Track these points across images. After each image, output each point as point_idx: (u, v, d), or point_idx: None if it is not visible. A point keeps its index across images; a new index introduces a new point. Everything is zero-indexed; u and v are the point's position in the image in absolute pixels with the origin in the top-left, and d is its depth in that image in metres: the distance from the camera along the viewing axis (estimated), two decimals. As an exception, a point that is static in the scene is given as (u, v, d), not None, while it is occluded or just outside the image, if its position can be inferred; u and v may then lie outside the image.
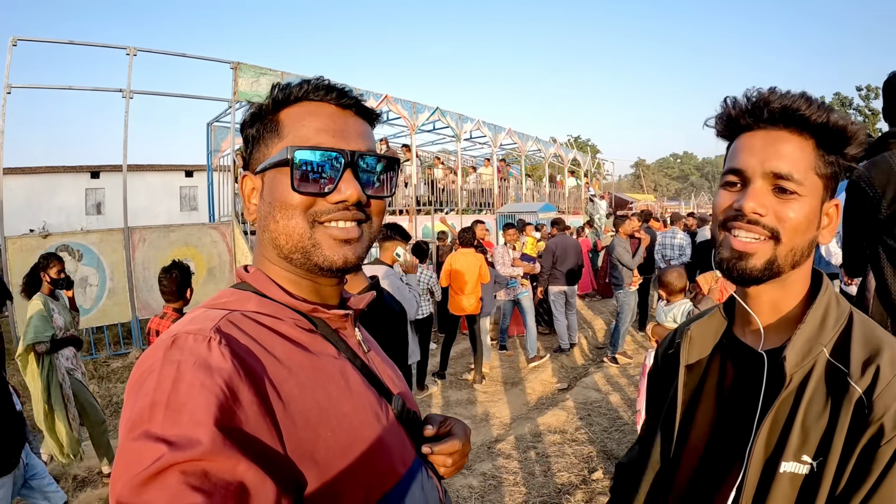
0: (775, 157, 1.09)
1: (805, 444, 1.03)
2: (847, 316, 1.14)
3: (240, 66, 11.04)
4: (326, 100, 1.06)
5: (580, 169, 27.34)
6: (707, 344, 1.29)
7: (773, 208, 1.09)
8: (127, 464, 0.72)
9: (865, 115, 46.10)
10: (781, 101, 1.08)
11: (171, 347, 0.84)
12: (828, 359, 1.08)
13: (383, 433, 1.02)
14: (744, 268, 1.11)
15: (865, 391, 1.00)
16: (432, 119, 16.30)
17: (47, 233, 9.26)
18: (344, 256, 1.02)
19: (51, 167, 29.12)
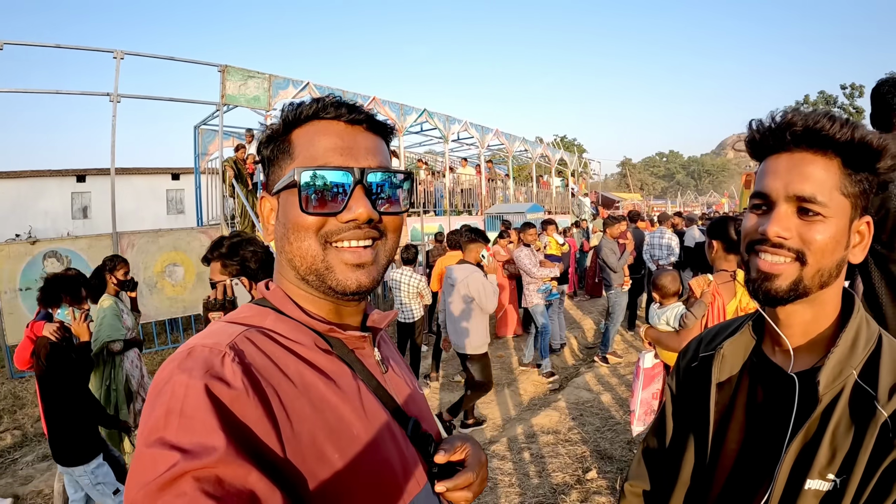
0: (798, 179, 1.09)
1: (831, 463, 1.06)
2: (876, 338, 1.15)
3: (227, 69, 11.02)
4: (336, 117, 1.05)
5: (567, 169, 27.40)
6: (737, 362, 1.31)
7: (797, 231, 1.10)
8: (142, 470, 0.73)
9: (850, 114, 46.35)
10: (804, 123, 1.08)
11: (187, 359, 0.85)
12: (856, 381, 1.09)
13: (394, 456, 1.02)
14: (770, 288, 1.13)
15: (891, 415, 1.03)
16: (420, 121, 16.31)
17: (35, 238, 9.20)
18: (357, 281, 1.02)
19: (36, 171, 28.89)
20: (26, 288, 8.66)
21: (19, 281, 8.61)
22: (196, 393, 0.79)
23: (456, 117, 17.55)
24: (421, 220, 15.52)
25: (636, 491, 1.56)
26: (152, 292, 9.88)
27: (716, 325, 1.50)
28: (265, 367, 0.90)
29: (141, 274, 9.67)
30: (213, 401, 0.79)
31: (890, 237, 2.84)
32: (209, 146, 14.45)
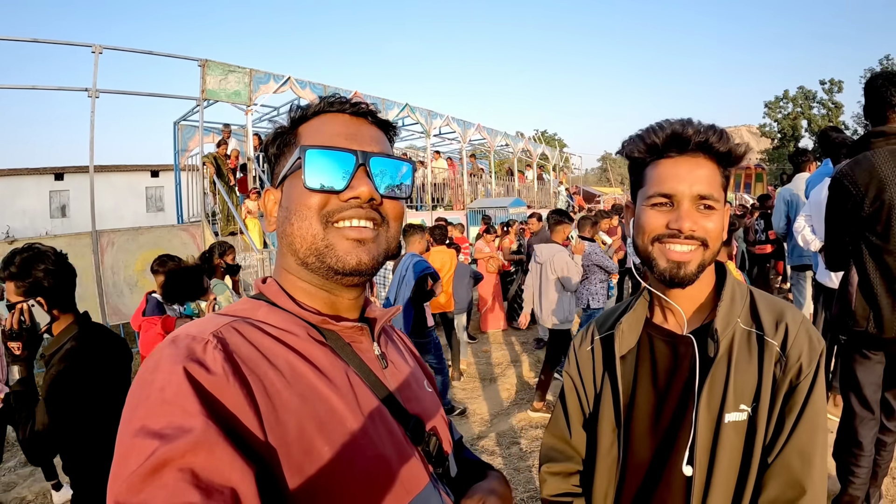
0: (698, 181, 1.31)
1: (741, 395, 1.31)
2: (748, 292, 1.45)
3: (207, 64, 10.95)
4: (341, 110, 1.08)
5: (548, 163, 27.47)
6: (633, 336, 1.51)
7: (700, 223, 1.31)
8: (124, 462, 0.73)
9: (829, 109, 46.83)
10: (701, 136, 1.30)
11: (169, 347, 0.86)
12: (742, 328, 1.37)
13: (390, 454, 0.99)
14: (683, 274, 1.33)
15: (781, 345, 1.32)
16: (401, 115, 16.31)
17: (13, 238, 9.07)
18: (357, 257, 1.01)
19: (13, 169, 28.62)
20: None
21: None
22: (177, 379, 0.79)
23: (438, 112, 17.58)
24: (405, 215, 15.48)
25: (554, 470, 1.68)
26: (133, 291, 9.77)
27: (603, 313, 1.73)
28: (250, 356, 0.90)
29: (121, 272, 9.59)
30: (192, 384, 0.79)
31: (885, 228, 2.87)
32: (189, 142, 14.36)
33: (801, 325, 1.34)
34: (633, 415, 1.46)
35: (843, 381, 3.44)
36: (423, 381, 1.27)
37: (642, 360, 1.48)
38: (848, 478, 3.38)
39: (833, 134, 5.01)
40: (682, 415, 1.36)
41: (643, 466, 1.43)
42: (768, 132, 50.88)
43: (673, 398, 1.39)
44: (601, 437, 1.52)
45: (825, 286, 4.93)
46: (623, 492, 1.47)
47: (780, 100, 50.01)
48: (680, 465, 1.35)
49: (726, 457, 1.30)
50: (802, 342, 1.31)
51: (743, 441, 1.30)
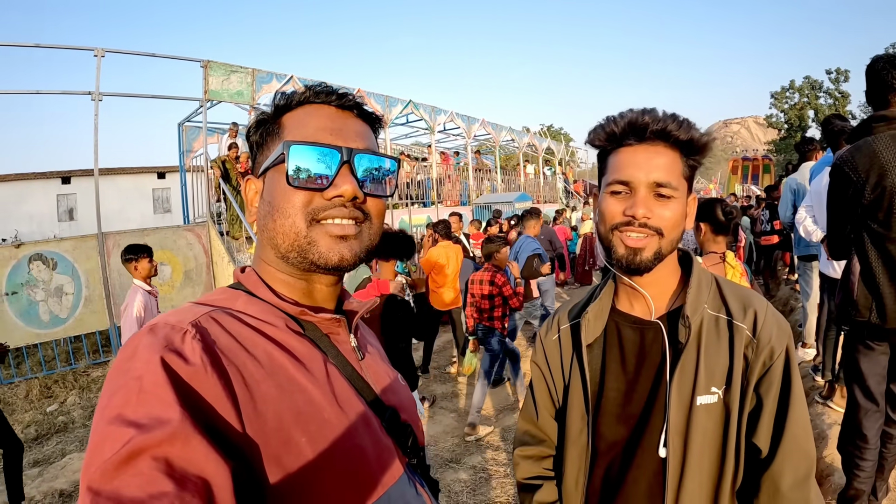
0: (656, 169, 1.33)
1: (712, 378, 1.33)
2: (713, 279, 1.47)
3: (210, 65, 10.95)
4: (327, 102, 1.07)
5: (554, 158, 27.42)
6: (599, 324, 1.52)
7: (656, 211, 1.33)
8: (99, 448, 0.72)
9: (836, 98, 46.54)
10: (659, 124, 1.31)
11: (148, 335, 0.84)
12: (710, 313, 1.39)
13: (367, 444, 0.99)
14: (639, 261, 1.35)
15: (751, 329, 1.35)
16: (405, 112, 16.29)
17: (20, 242, 9.10)
18: (340, 253, 1.01)
19: (21, 174, 28.79)
20: (12, 292, 8.57)
21: (5, 285, 8.51)
22: (154, 368, 0.78)
23: (442, 108, 17.55)
24: (409, 211, 15.48)
25: (526, 454, 1.73)
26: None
27: (566, 303, 1.74)
28: (229, 347, 0.89)
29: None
30: (169, 375, 0.78)
31: (886, 216, 2.82)
32: (194, 143, 14.35)
33: (767, 310, 1.38)
34: (603, 402, 1.48)
35: (847, 373, 3.39)
36: (398, 375, 1.28)
37: (610, 347, 1.50)
38: (853, 471, 3.33)
39: (836, 121, 4.93)
40: (653, 399, 1.40)
41: (614, 452, 1.46)
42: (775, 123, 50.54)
43: (643, 384, 1.42)
44: (570, 424, 1.53)
45: (829, 277, 4.90)
46: (593, 477, 1.49)
47: (787, 90, 49.71)
48: (653, 448, 1.38)
49: (699, 438, 1.32)
50: (772, 325, 1.35)
51: (717, 422, 1.34)
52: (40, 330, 8.86)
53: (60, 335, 9.22)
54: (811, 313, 6.26)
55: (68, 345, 10.15)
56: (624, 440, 1.44)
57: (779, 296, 10.66)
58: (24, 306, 8.67)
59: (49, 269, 8.93)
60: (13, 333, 8.54)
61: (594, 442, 1.48)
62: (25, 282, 8.67)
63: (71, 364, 9.62)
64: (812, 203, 5.03)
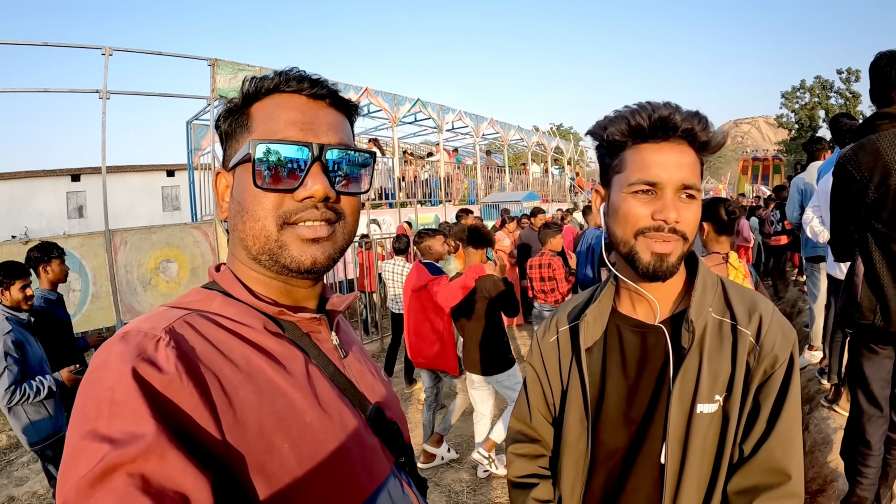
0: (684, 170, 1.28)
1: (714, 386, 1.29)
2: (718, 282, 1.43)
3: (217, 63, 10.95)
4: (298, 90, 1.01)
5: (563, 157, 27.36)
6: (599, 327, 1.48)
7: (682, 214, 1.28)
8: (74, 464, 0.70)
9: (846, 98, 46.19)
10: (687, 123, 1.26)
11: (119, 343, 0.82)
12: (714, 317, 1.35)
13: (352, 446, 0.97)
14: (665, 267, 1.30)
15: (755, 335, 1.31)
16: (413, 111, 16.27)
17: (28, 238, 9.12)
18: (312, 257, 0.98)
19: (30, 172, 28.95)
20: (19, 288, 8.57)
21: (12, 281, 8.51)
22: (126, 379, 0.76)
23: (450, 106, 17.50)
24: (415, 209, 15.46)
25: (520, 451, 1.69)
26: (146, 289, 9.82)
27: (566, 303, 1.68)
28: (205, 352, 0.87)
29: (135, 271, 9.64)
30: (142, 386, 0.76)
31: (890, 216, 2.78)
32: (202, 141, 14.37)
33: (773, 316, 1.35)
34: (603, 407, 1.44)
35: (851, 377, 3.34)
36: (381, 370, 1.25)
37: (610, 351, 1.46)
38: (856, 478, 3.28)
39: (844, 120, 4.87)
40: (654, 406, 1.36)
41: (614, 459, 1.42)
42: (786, 123, 50.31)
43: (644, 389, 1.38)
44: (568, 429, 1.49)
45: (835, 278, 4.85)
46: (592, 483, 1.46)
47: (798, 90, 49.34)
48: (654, 456, 1.34)
49: (699, 447, 1.28)
50: (776, 332, 1.31)
51: (716, 430, 1.30)
52: (47, 326, 8.84)
53: (67, 331, 9.23)
54: (818, 315, 6.21)
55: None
56: (625, 447, 1.40)
57: (787, 297, 10.62)
58: (31, 302, 8.66)
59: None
60: (20, 329, 8.54)
61: (593, 449, 1.44)
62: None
63: (77, 360, 9.59)
64: (819, 203, 4.98)
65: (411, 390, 7.80)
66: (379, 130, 19.36)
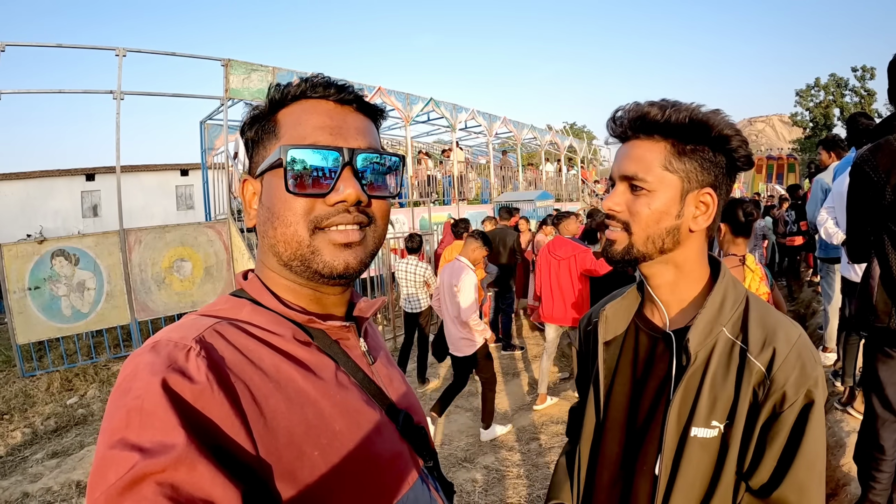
0: (625, 161, 1.29)
1: (713, 411, 1.22)
2: (744, 299, 1.33)
3: (230, 63, 10.99)
4: (325, 96, 1.01)
5: (577, 156, 27.29)
6: (621, 322, 1.47)
7: (627, 205, 1.29)
8: (103, 473, 0.70)
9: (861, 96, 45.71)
10: (628, 115, 1.27)
11: (150, 353, 0.82)
12: (728, 337, 1.26)
13: (381, 452, 0.98)
14: (610, 253, 1.34)
15: (767, 366, 1.20)
16: (426, 110, 16.27)
17: (43, 238, 9.19)
18: (345, 261, 0.97)
19: (45, 171, 29.08)
20: (35, 287, 8.67)
21: (28, 280, 8.61)
22: (156, 389, 0.75)
23: (463, 106, 17.48)
24: (429, 209, 15.46)
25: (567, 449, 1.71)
26: (160, 288, 9.89)
27: (609, 296, 1.62)
28: (235, 362, 0.86)
29: (149, 270, 9.71)
30: (173, 397, 0.75)
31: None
32: (215, 141, 14.45)
33: (793, 348, 1.21)
34: (610, 405, 1.43)
35: (865, 381, 3.30)
36: (403, 375, 1.25)
37: (625, 350, 1.44)
38: (868, 483, 3.24)
39: (861, 120, 4.83)
40: (652, 417, 1.32)
41: (615, 457, 1.41)
42: (800, 121, 49.75)
43: (647, 396, 1.35)
44: (585, 422, 1.49)
45: (850, 280, 4.81)
46: (597, 479, 1.45)
47: (812, 88, 48.76)
48: (647, 465, 1.31)
49: (692, 469, 1.23)
50: (791, 367, 1.19)
51: (712, 457, 1.23)
52: (62, 324, 8.95)
53: (82, 329, 9.31)
54: (832, 317, 6.16)
55: (90, 339, 10.29)
56: (623, 450, 1.39)
57: (801, 298, 10.55)
58: (46, 301, 8.77)
59: (71, 265, 9.01)
60: (35, 327, 8.69)
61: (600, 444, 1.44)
62: (48, 277, 8.76)
63: (92, 358, 9.73)
64: (834, 204, 4.94)
65: (424, 390, 7.81)
66: (392, 130, 19.37)
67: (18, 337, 8.62)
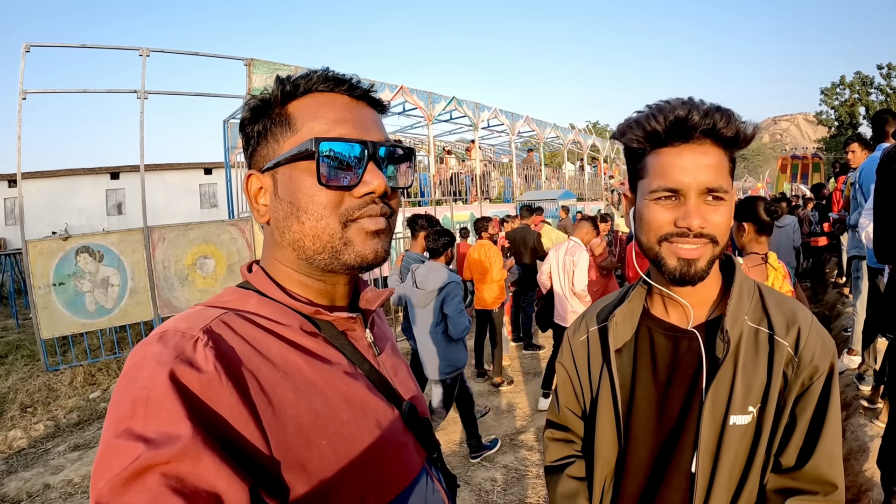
0: (706, 172, 1.20)
1: (748, 397, 1.25)
2: (756, 288, 1.37)
3: (253, 63, 11.03)
4: (337, 90, 1.01)
5: (600, 155, 27.17)
6: (629, 328, 1.44)
7: (709, 217, 1.22)
8: (108, 462, 0.71)
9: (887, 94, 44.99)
10: (707, 121, 1.18)
11: (157, 343, 0.82)
12: (751, 326, 1.30)
13: (386, 442, 0.98)
14: (693, 272, 1.24)
15: (793, 346, 1.26)
16: (449, 109, 16.22)
17: (67, 235, 9.28)
18: (374, 249, 0.99)
19: (70, 170, 29.54)
20: (59, 283, 8.76)
21: (52, 276, 8.71)
22: (162, 380, 0.76)
23: (485, 104, 17.42)
24: (451, 207, 15.45)
25: (556, 436, 1.68)
26: (183, 284, 9.95)
27: (596, 303, 1.64)
28: (243, 352, 0.87)
29: (172, 267, 9.77)
30: (180, 387, 0.76)
31: None
32: (238, 139, 14.48)
33: (812, 325, 1.29)
34: (633, 412, 1.40)
35: (890, 385, 3.27)
36: (408, 367, 1.25)
37: (641, 354, 1.41)
38: (892, 488, 3.18)
39: (888, 117, 4.77)
40: (686, 414, 1.31)
41: (645, 467, 1.38)
42: (825, 120, 49.05)
43: (675, 396, 1.33)
44: (600, 432, 1.45)
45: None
46: (622, 490, 1.43)
47: (837, 86, 47.94)
48: (684, 465, 1.30)
49: (730, 458, 1.25)
50: (815, 342, 1.26)
51: (748, 442, 1.26)
52: (86, 319, 9.04)
53: (106, 325, 9.38)
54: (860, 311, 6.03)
55: (113, 334, 10.39)
56: (655, 455, 1.36)
57: (826, 300, 10.42)
58: (70, 296, 8.86)
59: (95, 262, 9.09)
60: (60, 322, 8.78)
61: (625, 453, 1.41)
62: (72, 273, 8.85)
63: (115, 353, 9.83)
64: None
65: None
66: (414, 128, 19.39)
67: (43, 332, 8.70)
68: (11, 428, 6.97)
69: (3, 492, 5.36)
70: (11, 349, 10.95)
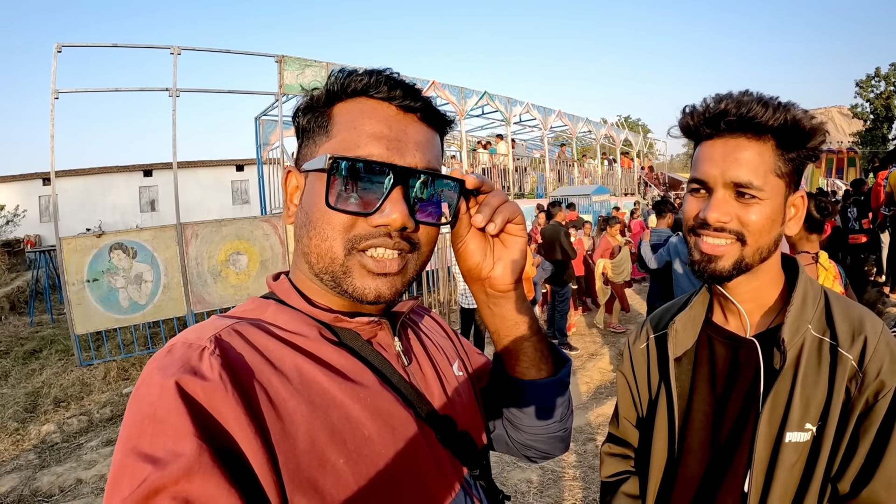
0: (734, 166, 1.16)
1: (806, 413, 1.15)
2: (822, 294, 1.27)
3: (284, 59, 11.03)
4: (388, 98, 0.91)
5: (632, 149, 26.98)
6: (690, 336, 1.38)
7: (736, 214, 1.17)
8: (118, 482, 0.68)
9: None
10: (738, 110, 1.13)
11: (165, 357, 0.78)
12: (814, 335, 1.20)
13: (415, 461, 0.89)
14: (713, 269, 1.21)
15: (858, 359, 1.15)
16: (481, 104, 16.23)
17: (101, 232, 9.38)
18: (376, 291, 0.89)
19: (104, 167, 30.09)
20: (93, 279, 8.84)
21: (86, 273, 8.79)
22: (168, 394, 0.72)
23: (517, 99, 17.38)
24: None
25: (613, 451, 1.61)
26: (217, 280, 9.99)
27: (661, 308, 1.58)
28: (253, 362, 0.81)
29: (205, 263, 9.82)
30: (185, 400, 0.72)
31: None
32: (270, 136, 14.59)
33: (881, 337, 1.17)
34: (689, 423, 1.34)
35: None
36: (454, 365, 1.14)
37: (700, 364, 1.35)
38: None
39: None
40: (741, 429, 1.24)
41: (696, 478, 1.31)
42: (860, 113, 48.16)
43: (732, 409, 1.27)
44: (655, 443, 1.40)
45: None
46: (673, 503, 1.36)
47: (872, 78, 47.10)
48: (736, 482, 1.23)
49: (784, 478, 1.16)
50: (883, 356, 1.14)
51: (803, 462, 1.16)
52: (119, 315, 9.12)
53: (139, 321, 9.48)
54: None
55: (146, 330, 10.54)
56: (706, 469, 1.30)
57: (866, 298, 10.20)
58: (104, 292, 8.94)
59: (129, 258, 9.16)
60: (93, 318, 8.87)
61: (678, 466, 1.34)
62: (106, 269, 8.93)
63: (149, 348, 9.94)
64: None
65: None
66: (446, 124, 19.38)
67: (77, 327, 8.79)
68: (45, 423, 7.02)
69: (35, 486, 5.39)
70: (46, 344, 11.09)
